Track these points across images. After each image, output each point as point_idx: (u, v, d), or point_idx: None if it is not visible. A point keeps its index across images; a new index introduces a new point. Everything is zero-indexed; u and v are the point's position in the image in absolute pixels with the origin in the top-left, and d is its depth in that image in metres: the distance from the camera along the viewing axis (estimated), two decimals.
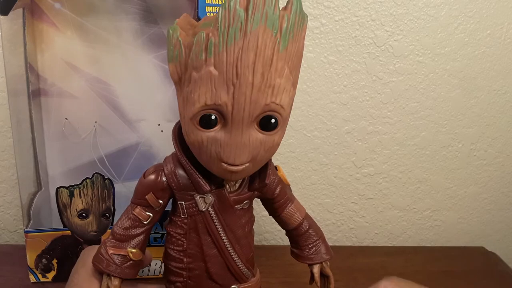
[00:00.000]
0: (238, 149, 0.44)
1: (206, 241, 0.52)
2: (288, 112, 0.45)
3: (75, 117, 0.69)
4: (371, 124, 0.91)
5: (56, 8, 0.63)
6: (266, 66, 0.41)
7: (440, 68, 0.89)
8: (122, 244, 0.52)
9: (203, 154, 0.46)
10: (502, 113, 0.95)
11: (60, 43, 0.65)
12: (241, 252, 0.54)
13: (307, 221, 0.59)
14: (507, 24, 0.88)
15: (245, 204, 0.54)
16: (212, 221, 0.52)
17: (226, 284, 0.54)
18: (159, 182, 0.51)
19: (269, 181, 0.54)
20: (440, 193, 1.00)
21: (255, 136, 0.44)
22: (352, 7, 0.82)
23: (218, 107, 0.42)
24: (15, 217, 0.89)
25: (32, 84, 0.66)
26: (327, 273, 0.59)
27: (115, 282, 0.52)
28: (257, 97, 0.42)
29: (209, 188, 0.50)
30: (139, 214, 0.52)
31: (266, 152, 0.46)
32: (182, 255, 0.53)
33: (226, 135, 0.44)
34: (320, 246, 0.58)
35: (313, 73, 0.86)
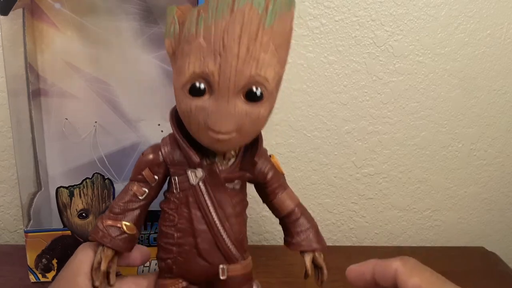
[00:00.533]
0: (224, 117, 0.47)
1: (196, 215, 0.54)
2: (273, 86, 0.47)
3: (75, 117, 0.69)
4: (371, 124, 0.91)
5: (56, 8, 0.63)
6: (251, 40, 0.44)
7: (440, 68, 0.88)
8: (117, 217, 0.54)
9: (192, 122, 0.48)
10: (502, 113, 0.95)
11: (60, 43, 0.65)
12: (230, 230, 0.55)
13: (299, 209, 0.61)
14: (507, 24, 0.88)
15: (236, 183, 0.55)
16: (202, 196, 0.54)
17: (215, 263, 0.55)
18: (155, 158, 0.54)
19: (259, 161, 0.56)
20: (440, 193, 1.00)
21: (241, 106, 0.46)
22: (352, 7, 0.82)
23: (205, 75, 0.45)
24: (15, 217, 0.89)
25: (32, 84, 0.66)
26: (319, 264, 0.59)
27: (108, 252, 0.53)
28: (242, 68, 0.44)
29: (199, 160, 0.52)
30: (136, 190, 0.55)
31: (252, 123, 0.48)
32: (173, 230, 0.55)
33: (213, 103, 0.46)
34: (311, 234, 0.60)
35: (313, 73, 0.86)
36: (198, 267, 0.55)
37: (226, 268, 0.56)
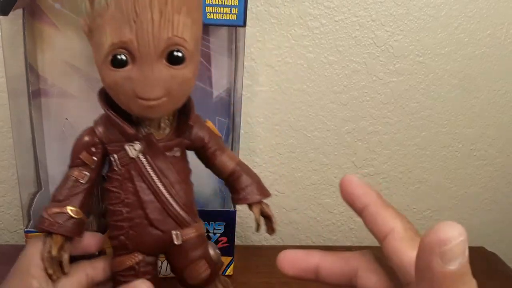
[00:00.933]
0: (151, 84, 0.48)
1: (141, 187, 0.54)
2: (192, 46, 0.49)
3: (75, 117, 0.69)
4: (371, 124, 0.91)
5: (56, 8, 0.63)
6: (162, 4, 0.46)
7: (440, 68, 0.89)
8: (62, 203, 0.54)
9: (121, 94, 0.50)
10: (502, 113, 0.95)
11: (60, 43, 0.65)
12: (177, 196, 0.56)
13: (240, 167, 0.61)
14: (507, 24, 0.88)
15: (176, 151, 0.56)
16: (144, 167, 0.54)
17: (168, 230, 0.56)
18: (90, 139, 0.55)
19: (194, 126, 0.57)
20: (440, 193, 1.00)
21: (165, 71, 0.48)
22: (352, 7, 0.82)
23: (124, 44, 0.46)
24: (15, 217, 0.89)
25: (32, 84, 0.66)
26: (267, 213, 0.61)
27: (56, 239, 0.53)
28: (159, 32, 0.46)
29: (134, 132, 0.53)
30: (77, 176, 0.55)
31: (179, 86, 0.50)
32: (120, 207, 0.55)
33: (138, 72, 0.48)
34: (254, 188, 0.60)
35: (313, 73, 0.86)
36: (151, 237, 0.56)
37: (179, 233, 0.57)
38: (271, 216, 0.61)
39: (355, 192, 0.39)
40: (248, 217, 0.93)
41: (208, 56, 0.69)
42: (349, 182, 0.39)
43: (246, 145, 0.90)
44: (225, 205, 0.79)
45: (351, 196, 0.39)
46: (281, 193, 0.95)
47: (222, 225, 0.75)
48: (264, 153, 0.91)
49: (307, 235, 1.00)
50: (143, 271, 0.57)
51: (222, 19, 0.63)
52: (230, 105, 0.72)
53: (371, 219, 0.37)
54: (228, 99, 0.72)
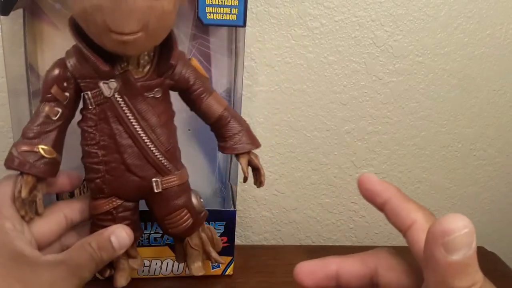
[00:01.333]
0: (125, 16, 0.43)
1: (118, 130, 0.51)
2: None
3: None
4: (371, 124, 0.91)
5: (57, 8, 0.63)
6: None
7: (440, 68, 0.89)
8: (33, 141, 0.50)
9: (91, 25, 0.45)
10: (501, 113, 0.95)
11: (60, 43, 0.63)
12: (157, 141, 0.53)
13: (228, 112, 0.57)
14: (506, 24, 0.88)
15: (157, 92, 0.52)
16: (120, 108, 0.50)
17: (147, 176, 0.53)
18: (61, 73, 0.50)
19: (177, 65, 0.53)
20: (440, 193, 1.00)
21: (141, 1, 0.43)
22: (352, 8, 0.82)
23: None
24: None
25: (33, 85, 0.66)
26: (256, 165, 0.59)
27: (27, 179, 0.50)
28: None
29: (109, 69, 0.49)
30: (48, 111, 0.51)
31: (157, 19, 0.45)
32: (96, 149, 0.52)
33: (111, 0, 0.42)
34: (243, 136, 0.57)
35: (313, 73, 0.86)
36: (129, 183, 0.53)
37: (160, 181, 0.54)
38: (260, 167, 0.59)
39: (374, 188, 0.40)
40: (248, 216, 0.93)
41: (208, 56, 0.69)
42: (367, 180, 0.40)
43: None
44: (225, 205, 0.78)
45: (371, 193, 0.40)
46: (281, 193, 0.95)
47: (222, 225, 0.75)
48: (264, 153, 0.91)
49: (307, 235, 1.00)
50: (121, 216, 0.55)
51: (222, 19, 0.63)
52: (230, 105, 0.71)
53: (394, 212, 0.38)
54: (228, 99, 0.72)
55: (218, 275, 0.78)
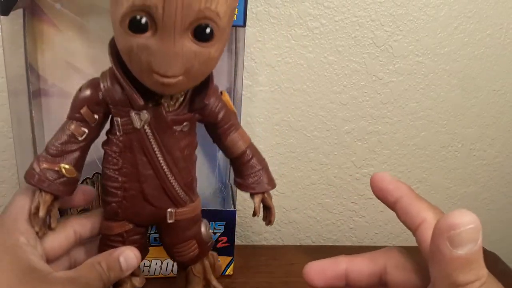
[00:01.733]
0: (170, 59, 0.43)
1: (141, 160, 0.51)
2: (225, 22, 0.44)
3: None
4: (370, 124, 0.91)
5: (57, 8, 0.63)
6: None
7: (440, 68, 0.89)
8: (55, 159, 0.50)
9: (134, 63, 0.45)
10: (501, 113, 0.95)
11: (60, 43, 0.65)
12: (178, 175, 0.53)
13: (250, 150, 0.57)
14: (506, 24, 0.88)
15: (185, 126, 0.52)
16: (148, 140, 0.50)
17: (162, 207, 0.54)
18: (94, 95, 0.50)
19: (209, 102, 0.52)
20: (440, 193, 1.00)
21: (189, 46, 0.43)
22: (352, 8, 0.82)
23: (147, 8, 0.40)
24: None
25: (33, 85, 0.66)
26: (269, 204, 0.58)
27: (46, 197, 0.49)
28: (190, 1, 0.40)
29: (144, 103, 0.48)
30: (74, 130, 0.50)
31: (201, 65, 0.45)
32: (117, 174, 0.52)
33: (158, 42, 0.42)
34: (262, 176, 0.57)
35: (313, 73, 0.86)
36: (144, 211, 0.54)
37: (174, 212, 0.54)
38: (272, 207, 0.59)
39: (386, 187, 0.40)
40: (248, 217, 0.93)
41: None
42: (380, 178, 0.41)
43: None
44: (225, 205, 0.79)
45: (383, 192, 0.40)
46: (281, 193, 0.95)
47: (222, 225, 0.75)
48: (264, 153, 0.88)
49: (307, 235, 1.00)
50: (131, 239, 0.55)
51: None
52: None
53: (404, 211, 0.39)
54: None
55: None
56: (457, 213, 0.31)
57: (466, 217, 0.31)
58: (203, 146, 0.72)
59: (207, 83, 0.50)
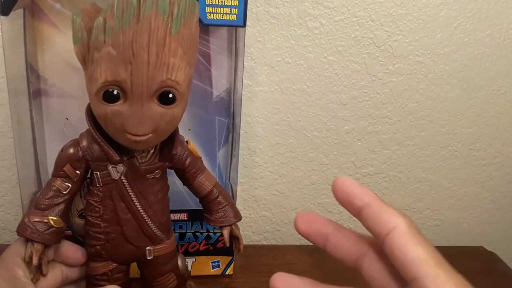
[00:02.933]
0: (140, 121, 0.50)
1: (120, 206, 0.58)
2: (184, 88, 0.51)
3: (76, 117, 0.69)
4: (370, 124, 0.91)
5: (57, 8, 0.63)
6: (160, 46, 0.47)
7: (440, 68, 0.89)
8: (44, 212, 0.56)
9: (109, 126, 0.51)
10: (501, 113, 0.95)
11: (60, 43, 0.65)
12: (154, 216, 0.60)
13: (216, 189, 0.64)
14: (506, 24, 0.88)
15: (157, 173, 0.59)
16: (125, 189, 0.57)
17: (141, 246, 0.60)
18: (75, 154, 0.56)
19: (176, 152, 0.60)
20: (440, 193, 1.00)
21: (155, 110, 0.50)
22: (352, 8, 0.82)
23: (118, 83, 0.48)
24: (16, 216, 0.89)
25: (33, 85, 0.67)
26: (236, 235, 0.65)
27: (37, 247, 0.55)
28: (153, 74, 0.48)
29: (119, 158, 0.55)
30: (59, 186, 0.56)
31: (167, 124, 0.52)
32: (99, 221, 0.58)
33: (129, 108, 0.49)
34: (228, 211, 0.64)
35: (313, 73, 0.86)
36: (126, 251, 0.60)
37: (152, 249, 0.61)
38: (239, 237, 0.65)
39: (353, 191, 0.38)
40: (248, 216, 0.93)
41: (208, 56, 0.69)
42: (343, 182, 0.39)
43: (246, 145, 0.90)
44: None
45: (349, 196, 0.38)
46: (281, 193, 0.95)
47: None
48: (264, 153, 0.91)
49: None
50: (115, 277, 0.62)
51: (222, 19, 0.64)
52: (230, 105, 0.72)
53: (373, 216, 0.37)
54: (228, 99, 0.72)
55: (218, 275, 0.79)
56: None
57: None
58: (203, 146, 0.73)
59: (173, 136, 0.58)
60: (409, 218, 0.37)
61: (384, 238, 0.36)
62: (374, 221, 0.37)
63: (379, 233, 0.36)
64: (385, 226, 0.36)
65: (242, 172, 0.91)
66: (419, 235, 0.36)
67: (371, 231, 0.38)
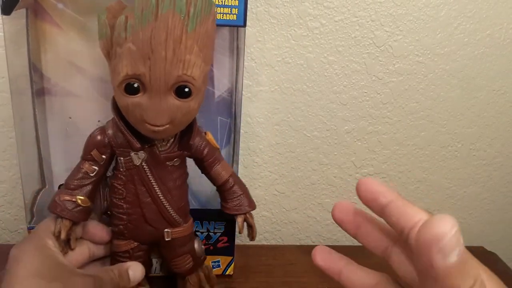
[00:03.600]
0: (158, 113, 0.54)
1: (141, 190, 0.63)
2: (200, 83, 0.55)
3: (79, 116, 0.71)
4: (370, 124, 0.92)
5: (59, 8, 0.65)
6: (176, 43, 0.51)
7: (440, 68, 0.90)
8: (73, 192, 0.61)
9: (130, 116, 0.56)
10: (501, 113, 0.96)
11: (63, 43, 0.67)
12: (172, 201, 0.64)
13: (232, 179, 0.68)
14: (506, 24, 0.89)
15: (176, 161, 0.63)
16: (145, 174, 0.62)
17: (160, 228, 0.65)
18: (101, 140, 0.61)
19: (194, 142, 0.64)
20: (440, 193, 1.01)
21: (172, 102, 0.54)
22: (352, 8, 0.83)
23: (138, 76, 0.52)
24: (16, 216, 0.90)
25: (36, 84, 0.68)
26: (250, 223, 0.69)
27: (66, 223, 0.60)
28: (170, 69, 0.52)
29: (140, 146, 0.60)
30: (87, 169, 0.62)
31: (183, 116, 0.56)
32: (122, 202, 0.64)
33: (148, 100, 0.54)
34: (243, 200, 0.69)
35: (313, 73, 0.87)
36: (146, 232, 0.65)
37: (170, 231, 0.66)
38: (253, 225, 0.70)
39: (378, 189, 0.40)
40: None
41: None
42: (368, 181, 0.41)
43: (246, 145, 0.91)
44: None
45: (375, 194, 0.40)
46: (281, 192, 0.96)
47: (222, 225, 0.77)
48: (264, 153, 0.92)
49: (307, 235, 1.01)
50: (136, 255, 0.67)
51: (222, 19, 0.65)
52: (232, 105, 0.74)
53: (397, 211, 0.39)
54: (230, 99, 0.73)
55: (218, 275, 0.79)
56: (438, 221, 0.31)
57: (448, 224, 0.30)
58: None
59: (191, 127, 0.62)
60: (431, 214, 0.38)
61: (409, 232, 0.37)
62: (399, 216, 0.38)
63: (404, 227, 0.38)
64: (410, 220, 0.37)
65: (242, 172, 0.91)
66: None
67: (395, 226, 0.39)
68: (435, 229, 0.30)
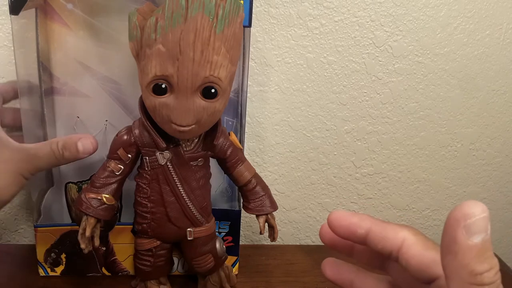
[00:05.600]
0: (185, 113, 0.58)
1: (165, 189, 0.67)
2: (226, 84, 0.58)
3: (87, 115, 0.74)
4: (370, 124, 0.95)
5: (69, 8, 0.68)
6: (204, 45, 0.54)
7: (439, 68, 0.93)
8: (98, 190, 0.65)
9: (157, 116, 0.59)
10: (501, 113, 0.99)
11: (72, 43, 0.70)
12: (195, 201, 0.68)
13: (255, 179, 0.72)
14: (506, 24, 0.92)
15: (200, 161, 0.67)
16: (170, 174, 0.66)
17: (183, 227, 0.69)
18: (128, 139, 0.65)
19: (218, 143, 0.67)
20: (439, 193, 1.04)
21: (199, 103, 0.58)
22: (352, 8, 0.86)
23: (166, 77, 0.55)
24: (16, 216, 0.93)
25: (45, 83, 0.71)
26: (272, 224, 0.73)
27: (91, 220, 0.64)
28: (198, 70, 0.55)
29: (166, 145, 0.63)
30: (113, 167, 0.66)
31: (209, 116, 0.59)
32: (146, 201, 0.68)
33: (175, 101, 0.57)
34: (265, 200, 0.72)
35: (312, 73, 0.90)
36: (169, 231, 0.69)
37: (192, 230, 0.70)
38: (275, 226, 0.73)
39: (351, 221, 0.42)
40: (248, 216, 0.95)
41: None
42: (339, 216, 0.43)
43: (246, 145, 0.93)
44: (231, 205, 0.83)
45: (350, 227, 0.42)
46: (281, 192, 0.99)
47: (227, 225, 0.81)
48: (264, 153, 0.95)
49: (306, 235, 1.04)
50: (158, 254, 0.72)
51: None
52: (238, 106, 0.76)
53: (379, 238, 0.41)
54: (236, 100, 0.76)
55: None
56: (469, 203, 0.33)
57: (478, 207, 0.33)
58: None
59: (216, 127, 0.65)
60: (412, 227, 0.41)
61: (397, 254, 0.40)
62: (382, 242, 0.40)
63: (391, 250, 0.40)
64: (394, 243, 0.40)
65: None
66: (426, 240, 0.40)
67: (382, 252, 0.41)
68: (465, 209, 0.33)
